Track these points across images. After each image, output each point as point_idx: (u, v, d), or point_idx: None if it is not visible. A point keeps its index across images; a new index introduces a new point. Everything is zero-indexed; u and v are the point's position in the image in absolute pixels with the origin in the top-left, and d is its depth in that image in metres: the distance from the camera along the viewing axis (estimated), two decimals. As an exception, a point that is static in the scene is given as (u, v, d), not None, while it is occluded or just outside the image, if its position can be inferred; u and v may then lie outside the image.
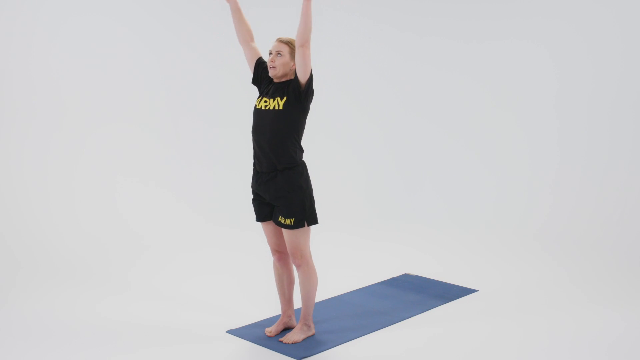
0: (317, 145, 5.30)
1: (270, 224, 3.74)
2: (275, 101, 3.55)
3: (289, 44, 3.57)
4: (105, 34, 5.89)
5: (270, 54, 3.59)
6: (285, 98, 3.53)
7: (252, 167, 3.72)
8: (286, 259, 3.81)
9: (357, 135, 6.66)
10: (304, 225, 3.58)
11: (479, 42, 6.35)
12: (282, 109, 3.52)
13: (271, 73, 3.59)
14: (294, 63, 3.56)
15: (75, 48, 5.76)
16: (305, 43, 3.42)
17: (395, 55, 6.66)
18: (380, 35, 6.67)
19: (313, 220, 3.63)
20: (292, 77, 3.59)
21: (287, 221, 3.57)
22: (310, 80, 3.52)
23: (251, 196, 3.78)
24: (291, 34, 3.80)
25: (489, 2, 6.30)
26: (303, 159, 3.66)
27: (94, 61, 5.84)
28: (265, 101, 3.59)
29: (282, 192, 3.56)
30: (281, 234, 3.72)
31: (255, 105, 3.63)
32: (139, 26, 6.07)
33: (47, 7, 5.62)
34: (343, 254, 5.37)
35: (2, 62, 5.47)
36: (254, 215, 3.80)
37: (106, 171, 5.81)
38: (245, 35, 3.70)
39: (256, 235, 4.86)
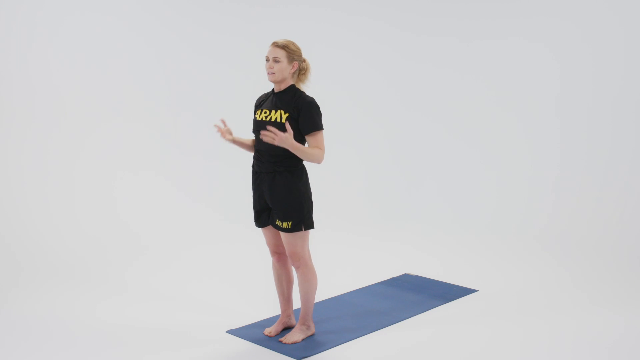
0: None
1: (269, 228, 3.73)
2: (278, 113, 3.52)
3: (286, 47, 3.51)
4: (105, 31, 5.87)
5: (267, 60, 3.53)
6: (287, 114, 3.50)
7: (250, 169, 3.72)
8: (285, 260, 3.80)
9: (358, 135, 6.64)
10: (301, 229, 3.56)
11: (480, 41, 6.34)
12: (285, 122, 3.48)
13: (270, 79, 3.54)
14: (292, 66, 3.54)
15: (75, 46, 5.74)
16: (319, 161, 3.51)
17: (395, 55, 6.65)
18: (380, 34, 6.65)
19: (309, 224, 3.61)
20: (291, 82, 3.57)
21: (285, 224, 3.55)
22: None
23: (251, 198, 3.77)
24: (290, 34, 3.77)
25: (490, 1, 6.29)
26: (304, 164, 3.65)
27: (93, 59, 5.82)
28: (266, 112, 3.57)
29: (281, 194, 3.54)
30: (280, 236, 3.71)
31: (255, 117, 3.62)
32: (138, 24, 6.05)
33: (47, 5, 5.61)
34: (343, 253, 5.36)
35: (1, 61, 5.46)
36: (253, 217, 3.79)
37: (105, 171, 5.80)
38: None
39: (255, 236, 4.83)
